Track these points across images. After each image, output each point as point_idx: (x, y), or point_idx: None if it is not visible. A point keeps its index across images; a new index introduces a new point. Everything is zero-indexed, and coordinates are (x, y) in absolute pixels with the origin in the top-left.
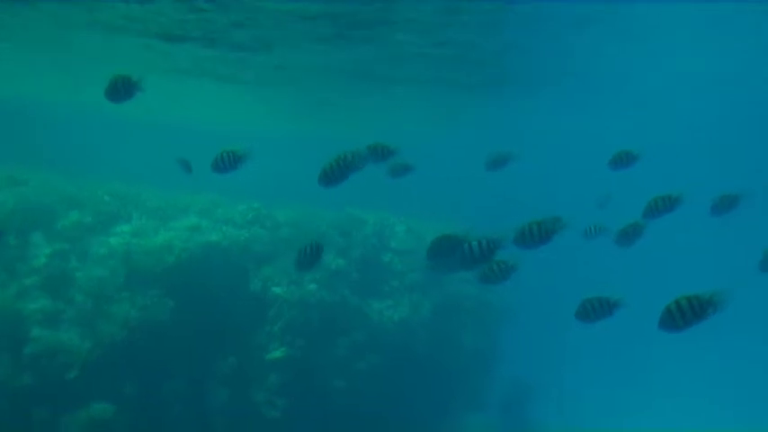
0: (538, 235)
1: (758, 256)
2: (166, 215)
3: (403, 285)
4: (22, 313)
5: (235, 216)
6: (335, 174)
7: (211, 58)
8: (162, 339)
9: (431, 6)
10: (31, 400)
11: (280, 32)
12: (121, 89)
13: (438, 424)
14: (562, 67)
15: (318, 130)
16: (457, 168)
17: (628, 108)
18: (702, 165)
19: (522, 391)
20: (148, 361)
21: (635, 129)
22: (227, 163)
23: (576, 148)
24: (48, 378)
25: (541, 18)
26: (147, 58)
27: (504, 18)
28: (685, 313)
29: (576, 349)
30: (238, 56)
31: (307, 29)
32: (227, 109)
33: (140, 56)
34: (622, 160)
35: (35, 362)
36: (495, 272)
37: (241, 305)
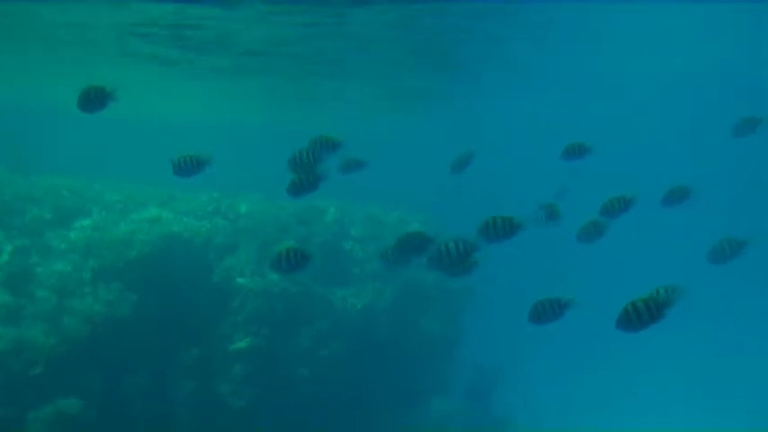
0: (502, 229)
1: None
2: (126, 208)
3: (365, 273)
4: None
5: (195, 207)
6: (305, 186)
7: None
8: (125, 333)
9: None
10: None
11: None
12: (95, 99)
13: (402, 410)
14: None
15: (279, 122)
16: (416, 158)
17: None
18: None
19: (485, 377)
20: (112, 355)
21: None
22: (190, 167)
23: (532, 137)
24: (12, 375)
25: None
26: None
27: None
28: (641, 315)
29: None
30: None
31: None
32: (181, 100)
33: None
34: (575, 152)
35: None
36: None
37: (204, 296)
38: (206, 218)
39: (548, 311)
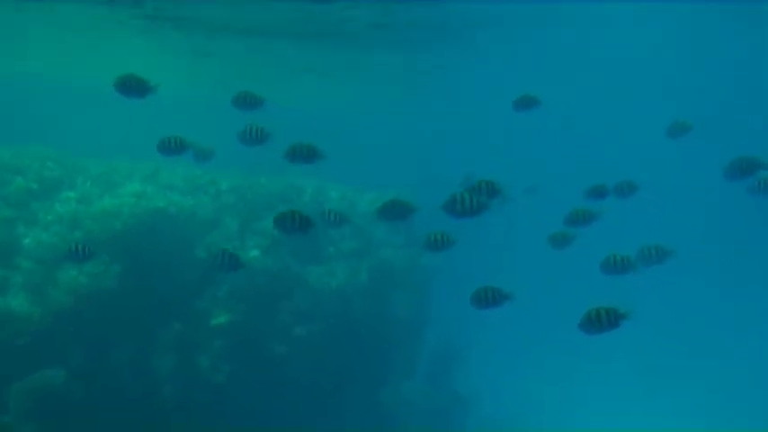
0: (470, 206)
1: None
2: (111, 181)
3: (339, 252)
4: None
5: (178, 182)
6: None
7: None
8: (109, 306)
9: None
10: None
11: None
12: (134, 88)
13: (373, 389)
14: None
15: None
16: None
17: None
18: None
19: (450, 358)
20: (97, 328)
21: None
22: (174, 147)
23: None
24: None
25: None
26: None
27: None
28: (602, 322)
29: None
30: None
31: None
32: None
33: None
34: (525, 103)
35: None
36: (439, 241)
37: (186, 271)
38: (189, 193)
39: (488, 300)
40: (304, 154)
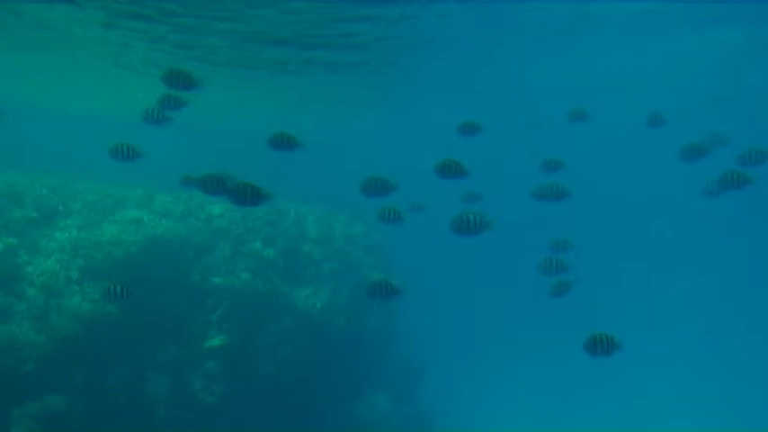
0: (474, 225)
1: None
2: (106, 208)
3: (321, 273)
4: None
5: (172, 208)
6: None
7: None
8: (110, 331)
9: None
10: None
11: None
12: (181, 82)
13: (349, 404)
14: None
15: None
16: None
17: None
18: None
19: (416, 373)
20: (97, 352)
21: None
22: (126, 153)
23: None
24: (3, 372)
25: None
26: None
27: None
28: (603, 345)
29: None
30: None
31: None
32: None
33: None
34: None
35: None
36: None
37: (182, 295)
38: (182, 219)
39: (381, 290)
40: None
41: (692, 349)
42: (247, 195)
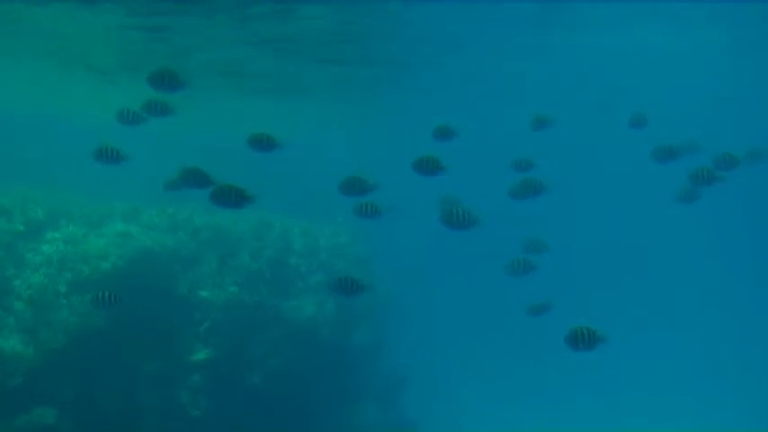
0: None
1: None
2: (92, 221)
3: (307, 286)
4: None
5: (158, 221)
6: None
7: None
8: (98, 344)
9: None
10: None
11: None
12: (167, 83)
13: (337, 416)
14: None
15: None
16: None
17: None
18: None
19: (402, 382)
20: (85, 366)
21: None
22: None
23: None
24: None
25: None
26: None
27: None
28: (585, 338)
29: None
30: None
31: None
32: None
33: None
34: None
35: None
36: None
37: (170, 308)
38: (169, 232)
39: (346, 286)
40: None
41: (681, 355)
42: (231, 197)
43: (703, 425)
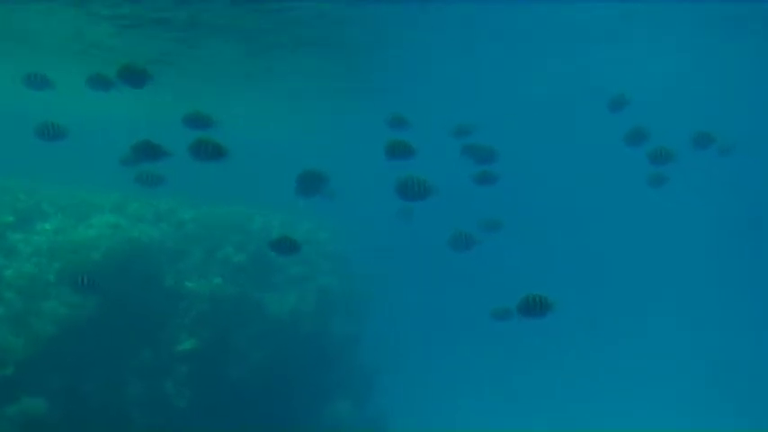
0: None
1: None
2: (80, 212)
3: (288, 278)
4: None
5: (145, 213)
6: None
7: None
8: (87, 334)
9: None
10: None
11: None
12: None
13: (316, 409)
14: None
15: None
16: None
17: None
18: None
19: (378, 374)
20: (74, 356)
21: None
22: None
23: None
24: None
25: None
26: None
27: None
28: (535, 306)
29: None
30: None
31: None
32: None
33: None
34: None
35: None
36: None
37: (157, 299)
38: (155, 223)
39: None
40: (209, 152)
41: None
42: (208, 149)
43: (703, 425)
